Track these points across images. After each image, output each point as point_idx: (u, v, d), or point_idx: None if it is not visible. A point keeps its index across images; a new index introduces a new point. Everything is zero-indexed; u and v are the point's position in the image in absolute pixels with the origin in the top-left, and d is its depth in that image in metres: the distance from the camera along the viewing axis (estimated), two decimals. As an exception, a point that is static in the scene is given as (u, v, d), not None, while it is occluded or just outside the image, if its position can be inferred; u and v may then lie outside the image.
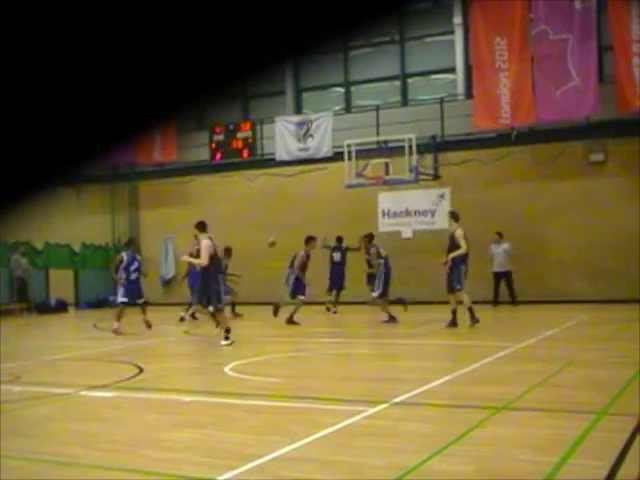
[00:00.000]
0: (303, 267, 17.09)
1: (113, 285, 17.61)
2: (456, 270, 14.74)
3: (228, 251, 19.07)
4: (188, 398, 8.37)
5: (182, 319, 19.17)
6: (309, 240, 17.39)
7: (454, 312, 14.81)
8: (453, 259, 14.65)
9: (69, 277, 26.54)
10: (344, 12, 0.90)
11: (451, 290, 14.91)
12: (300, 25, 0.87)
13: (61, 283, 26.04)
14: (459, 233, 14.77)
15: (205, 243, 13.30)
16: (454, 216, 15.24)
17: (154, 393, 8.90)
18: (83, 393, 9.02)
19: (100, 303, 25.57)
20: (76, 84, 0.81)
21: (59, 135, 0.85)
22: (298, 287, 16.99)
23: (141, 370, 10.65)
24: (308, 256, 17.24)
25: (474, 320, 14.59)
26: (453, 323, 14.75)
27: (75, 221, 27.21)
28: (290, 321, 16.57)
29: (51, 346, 14.84)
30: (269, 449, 5.76)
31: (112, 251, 27.31)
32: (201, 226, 13.91)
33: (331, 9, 0.88)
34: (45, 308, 24.54)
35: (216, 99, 0.93)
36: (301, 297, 16.91)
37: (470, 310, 14.66)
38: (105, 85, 0.82)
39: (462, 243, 14.62)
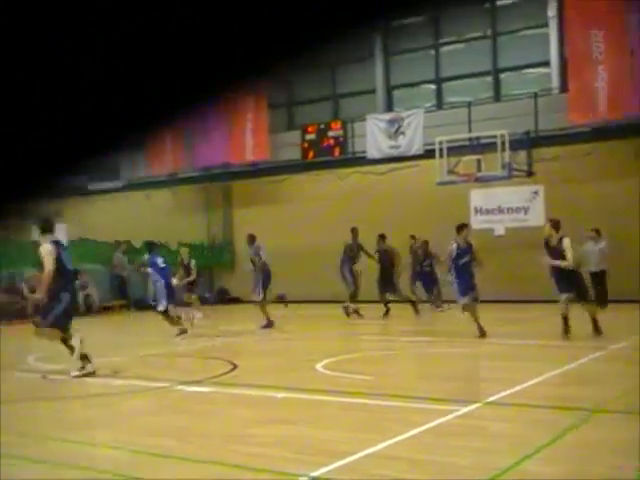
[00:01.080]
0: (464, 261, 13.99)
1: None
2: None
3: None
4: (280, 394, 8.50)
5: (347, 309, 19.13)
6: (461, 228, 14.30)
7: (594, 320, 13.29)
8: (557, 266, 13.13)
9: (166, 275, 27.17)
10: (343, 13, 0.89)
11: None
12: (297, 27, 0.86)
13: (158, 280, 26.67)
14: (567, 244, 13.17)
15: (46, 248, 10.12)
16: (555, 225, 13.51)
17: (247, 389, 9.07)
18: (179, 388, 9.28)
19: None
20: (76, 84, 0.80)
21: (59, 134, 0.83)
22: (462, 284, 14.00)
23: (235, 366, 10.86)
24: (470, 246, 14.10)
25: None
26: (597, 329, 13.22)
27: (171, 220, 27.91)
28: (481, 331, 13.60)
29: (148, 342, 15.28)
30: (360, 447, 5.80)
31: (207, 250, 27.91)
32: (44, 226, 10.28)
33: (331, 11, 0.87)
34: (143, 305, 25.22)
35: (217, 101, 0.92)
36: (465, 297, 13.81)
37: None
38: (105, 85, 0.80)
39: (569, 256, 13.05)
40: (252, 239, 17.28)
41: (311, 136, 26.11)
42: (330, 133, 25.88)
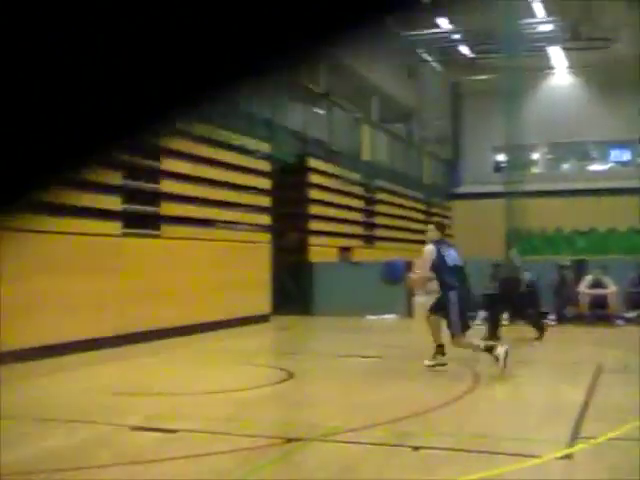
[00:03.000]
0: None
1: None
2: None
3: None
4: None
5: None
6: None
7: None
8: None
9: None
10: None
11: None
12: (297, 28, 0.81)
13: None
14: None
15: None
16: None
17: None
18: None
19: None
20: (76, 84, 0.79)
21: (59, 135, 0.83)
22: None
23: None
24: None
25: None
26: None
27: None
28: None
29: None
30: None
31: None
32: None
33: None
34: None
35: (219, 101, 0.88)
36: None
37: None
38: (105, 86, 0.80)
39: None
40: None
41: None
42: None
